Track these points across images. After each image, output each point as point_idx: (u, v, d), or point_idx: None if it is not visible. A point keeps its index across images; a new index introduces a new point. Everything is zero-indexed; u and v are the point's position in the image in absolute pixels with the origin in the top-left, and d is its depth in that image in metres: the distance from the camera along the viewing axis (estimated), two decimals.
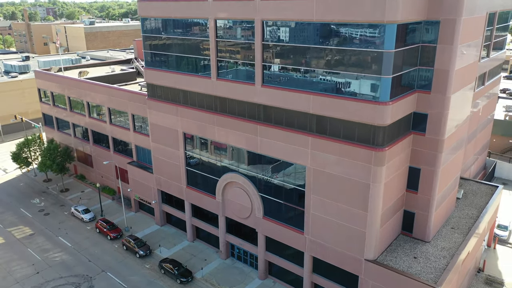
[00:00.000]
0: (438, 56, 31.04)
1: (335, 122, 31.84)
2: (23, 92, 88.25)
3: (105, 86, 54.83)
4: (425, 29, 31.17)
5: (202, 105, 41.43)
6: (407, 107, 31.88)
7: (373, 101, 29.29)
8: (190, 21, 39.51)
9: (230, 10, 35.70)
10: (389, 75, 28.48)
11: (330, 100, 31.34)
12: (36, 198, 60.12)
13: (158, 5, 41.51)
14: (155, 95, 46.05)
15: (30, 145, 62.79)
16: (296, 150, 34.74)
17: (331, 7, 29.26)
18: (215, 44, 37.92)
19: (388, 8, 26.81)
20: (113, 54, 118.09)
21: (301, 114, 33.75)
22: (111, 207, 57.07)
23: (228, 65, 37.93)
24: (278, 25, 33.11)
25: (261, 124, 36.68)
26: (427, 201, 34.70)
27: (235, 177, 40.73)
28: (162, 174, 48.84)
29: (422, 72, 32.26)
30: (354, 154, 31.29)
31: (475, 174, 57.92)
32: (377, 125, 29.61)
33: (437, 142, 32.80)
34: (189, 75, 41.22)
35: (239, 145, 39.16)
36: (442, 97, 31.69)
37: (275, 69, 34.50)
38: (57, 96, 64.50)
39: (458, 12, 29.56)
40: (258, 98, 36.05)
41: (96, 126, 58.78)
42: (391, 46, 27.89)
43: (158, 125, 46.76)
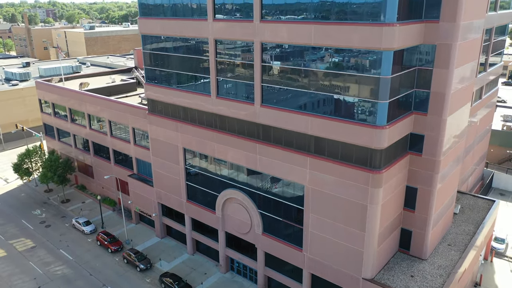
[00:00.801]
0: (435, 79, 31.53)
1: (333, 143, 32.33)
2: (24, 100, 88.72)
3: (105, 99, 55.31)
4: (421, 52, 31.65)
5: (202, 122, 41.92)
6: (404, 129, 32.38)
7: (370, 125, 29.76)
8: (190, 39, 39.99)
9: (229, 30, 36.18)
10: (386, 100, 28.98)
11: (328, 122, 31.82)
12: (37, 209, 60.58)
13: (158, 22, 41.98)
14: (156, 110, 46.54)
15: (32, 156, 63.20)
16: (295, 169, 35.23)
17: (328, 33, 29.74)
18: (215, 63, 38.41)
19: (385, 37, 27.29)
20: (113, 61, 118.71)
21: (299, 134, 34.23)
22: (111, 219, 57.54)
23: (227, 84, 38.39)
24: (277, 47, 33.58)
25: (260, 142, 37.16)
26: (424, 220, 35.20)
27: (235, 193, 41.21)
28: (163, 188, 49.33)
29: (419, 94, 32.75)
30: (351, 176, 31.78)
31: (473, 185, 58.46)
32: (374, 148, 30.10)
33: (434, 163, 33.30)
34: (189, 92, 41.70)
35: (239, 162, 39.66)
36: (438, 119, 32.18)
37: (274, 90, 34.98)
38: (58, 105, 64.97)
39: (454, 38, 30.04)
40: (257, 118, 36.54)
41: (96, 137, 59.26)
42: (387, 72, 28.38)
43: (159, 140, 47.25)
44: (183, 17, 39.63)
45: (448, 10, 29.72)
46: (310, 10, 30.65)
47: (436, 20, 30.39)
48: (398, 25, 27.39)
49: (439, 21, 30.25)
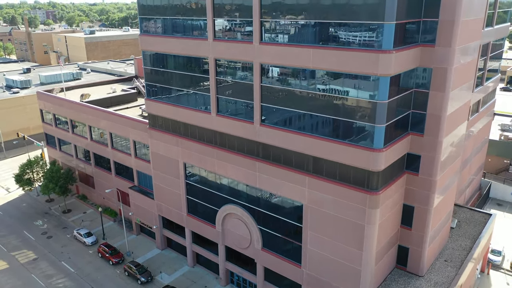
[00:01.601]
0: (431, 101, 32.11)
1: (331, 163, 32.90)
2: (25, 108, 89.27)
3: (107, 112, 55.87)
4: (418, 75, 32.23)
5: (202, 138, 42.49)
6: (401, 150, 32.95)
7: (367, 148, 30.34)
8: (191, 57, 40.53)
9: (229, 51, 36.75)
10: (383, 124, 29.56)
11: (326, 144, 32.40)
12: (39, 219, 61.14)
13: (159, 40, 42.54)
14: (156, 125, 47.10)
15: (33, 166, 63.75)
16: (294, 188, 35.82)
17: (326, 57, 30.32)
18: (215, 81, 38.98)
19: (381, 63, 27.88)
20: (114, 67, 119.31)
21: (298, 154, 34.80)
22: (112, 230, 58.11)
23: (228, 102, 38.96)
24: (277, 69, 34.14)
25: (260, 160, 37.75)
26: (421, 237, 35.79)
27: (234, 209, 41.79)
28: (163, 201, 49.90)
29: (415, 115, 33.31)
30: (349, 196, 32.37)
31: (470, 195, 59.03)
32: (371, 170, 30.69)
33: (430, 183, 33.89)
34: (189, 109, 42.27)
35: (238, 179, 40.24)
36: (435, 140, 32.76)
37: (274, 109, 35.54)
38: (59, 115, 65.55)
39: (450, 62, 30.62)
40: (257, 136, 37.11)
41: (97, 149, 59.82)
42: (384, 97, 28.97)
43: (159, 154, 47.82)
44: (183, 36, 40.19)
45: (443, 35, 30.30)
46: (309, 34, 31.23)
47: (432, 44, 30.98)
48: (394, 52, 27.98)
49: (435, 45, 30.84)
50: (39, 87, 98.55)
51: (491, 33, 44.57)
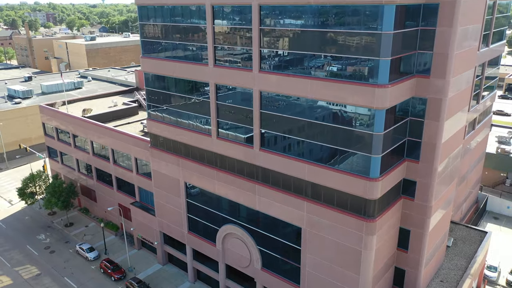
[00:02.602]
0: (426, 130, 32.92)
1: (329, 189, 33.73)
2: (27, 119, 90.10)
3: (109, 129, 56.68)
4: (414, 104, 33.05)
5: (203, 159, 43.29)
6: (397, 177, 33.77)
7: (364, 177, 31.17)
8: (191, 81, 41.34)
9: (229, 77, 37.57)
10: (379, 154, 30.38)
11: (324, 171, 33.23)
12: (42, 233, 61.96)
13: (160, 63, 43.33)
14: (158, 144, 47.91)
15: (36, 180, 64.55)
16: (293, 211, 36.66)
17: (324, 88, 31.14)
18: (215, 105, 39.79)
19: (377, 97, 28.70)
20: (114, 75, 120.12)
21: (297, 179, 35.62)
22: (114, 244, 58.91)
23: (228, 126, 39.77)
24: (275, 96, 34.96)
25: (259, 184, 38.57)
26: (417, 260, 36.61)
27: (234, 229, 42.62)
28: (164, 218, 50.72)
29: (411, 142, 34.13)
30: (346, 222, 33.21)
31: (467, 209, 59.84)
32: (367, 198, 31.51)
33: (426, 208, 34.71)
34: (190, 131, 43.08)
35: (238, 200, 41.07)
36: (430, 167, 33.57)
37: (273, 135, 36.36)
38: (61, 130, 66.41)
39: (444, 93, 31.44)
40: (256, 160, 37.95)
41: (99, 164, 60.63)
42: (380, 129, 29.78)
43: (161, 173, 48.63)
44: (185, 61, 41.01)
45: (438, 68, 31.11)
46: (307, 66, 32.07)
47: (427, 75, 31.80)
48: (390, 86, 28.81)
49: (430, 76, 31.67)
50: (40, 97, 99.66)
51: (486, 53, 45.34)
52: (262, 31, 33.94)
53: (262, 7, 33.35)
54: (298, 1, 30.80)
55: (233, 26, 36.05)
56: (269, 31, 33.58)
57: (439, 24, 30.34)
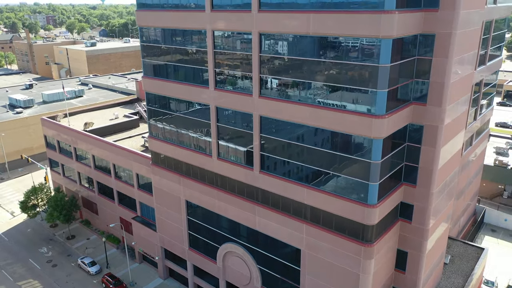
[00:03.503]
0: (423, 156, 33.56)
1: (327, 213, 34.36)
2: (28, 128, 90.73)
3: (110, 144, 57.30)
4: (411, 130, 33.68)
5: (204, 179, 43.91)
6: (395, 201, 34.41)
7: (362, 203, 31.80)
8: (192, 102, 41.97)
9: (230, 100, 38.19)
10: (376, 182, 31.01)
11: (323, 196, 33.86)
12: (44, 246, 62.57)
13: (161, 84, 43.95)
14: (159, 161, 48.53)
15: (38, 193, 65.14)
16: (292, 233, 37.29)
17: (322, 117, 31.77)
18: (216, 127, 40.42)
19: (374, 127, 29.33)
20: (115, 83, 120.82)
21: (296, 202, 36.26)
22: (116, 258, 59.52)
23: (229, 147, 40.39)
24: (275, 121, 35.56)
25: (259, 205, 39.21)
26: (414, 280, 37.24)
27: (235, 247, 43.26)
28: (165, 234, 51.35)
29: (408, 166, 34.77)
30: (344, 246, 33.84)
31: (465, 222, 60.47)
32: (366, 224, 32.15)
33: (422, 231, 35.35)
34: (191, 150, 43.70)
35: (238, 220, 41.70)
36: (427, 192, 34.21)
37: (273, 158, 36.98)
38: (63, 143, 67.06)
39: (440, 120, 32.08)
40: (256, 182, 38.57)
41: (101, 178, 61.25)
42: (377, 157, 30.40)
43: (162, 190, 49.25)
44: (186, 82, 41.58)
45: (434, 96, 31.74)
46: (306, 94, 32.72)
47: (423, 103, 32.42)
48: (387, 117, 29.41)
49: (426, 104, 32.28)
50: (42, 106, 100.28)
51: (483, 71, 45.91)
52: (262, 58, 34.57)
53: (262, 35, 33.99)
54: (297, 31, 31.43)
55: (234, 52, 36.66)
56: (268, 58, 34.21)
57: (435, 54, 30.98)
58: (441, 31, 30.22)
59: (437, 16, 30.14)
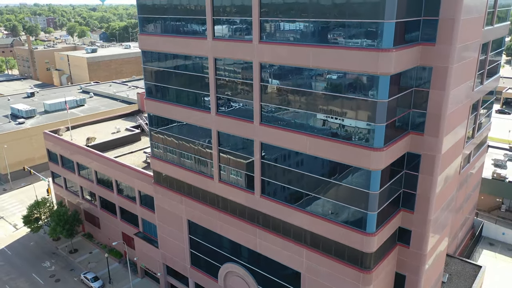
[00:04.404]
0: (420, 183, 34.28)
1: (327, 239, 35.07)
2: (31, 139, 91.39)
3: (112, 161, 57.99)
4: (408, 158, 34.39)
5: (206, 200, 44.62)
6: (393, 227, 35.13)
7: (361, 231, 32.50)
8: (194, 126, 42.65)
9: (231, 126, 38.85)
10: (375, 211, 31.73)
11: (322, 222, 34.57)
12: (47, 260, 63.25)
13: (163, 106, 44.60)
14: (161, 180, 49.22)
15: (41, 207, 65.83)
16: (292, 257, 38.00)
17: (321, 146, 32.48)
18: (218, 151, 41.11)
19: (372, 159, 30.05)
20: (116, 91, 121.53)
21: (297, 226, 36.96)
22: (118, 272, 60.22)
23: (230, 171, 41.09)
24: (275, 147, 36.26)
25: (260, 228, 39.92)
26: None
27: (236, 268, 43.97)
28: (167, 251, 52.04)
29: (406, 193, 35.48)
30: (343, 272, 34.55)
31: (464, 235, 61.13)
32: (364, 251, 32.86)
33: (420, 256, 36.06)
34: (193, 172, 44.39)
35: (239, 241, 42.41)
36: (424, 218, 34.92)
37: (273, 183, 37.67)
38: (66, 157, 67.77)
39: (437, 151, 32.78)
40: (257, 206, 39.28)
41: (103, 193, 61.95)
42: (376, 188, 31.12)
43: (164, 208, 49.94)
44: (187, 106, 42.30)
45: (431, 126, 32.45)
46: (304, 124, 33.43)
47: (421, 133, 33.13)
48: (385, 149, 30.10)
49: (424, 134, 33.00)
50: (44, 116, 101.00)
51: (481, 91, 46.57)
52: (262, 87, 35.27)
53: (262, 65, 34.68)
54: (297, 64, 32.12)
55: (235, 80, 37.35)
56: (269, 87, 34.89)
57: (432, 86, 31.69)
58: (438, 64, 30.93)
59: (434, 50, 30.86)
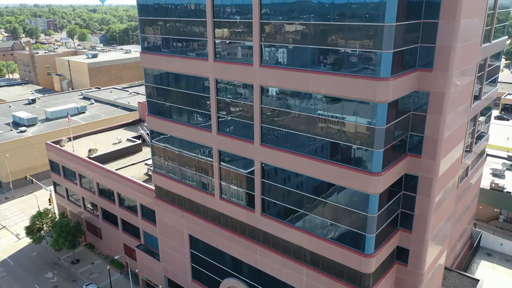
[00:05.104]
0: (418, 204, 34.91)
1: (326, 259, 35.70)
2: (32, 147, 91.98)
3: (114, 174, 58.60)
4: (406, 179, 35.02)
5: (207, 215, 45.25)
6: (392, 246, 35.77)
7: (359, 252, 33.16)
8: (195, 143, 43.28)
9: (232, 146, 39.49)
10: (373, 233, 32.36)
11: (320, 242, 35.20)
12: (49, 271, 63.85)
13: (166, 124, 45.22)
14: (162, 195, 49.85)
15: (43, 218, 66.43)
16: (292, 274, 38.63)
17: (319, 169, 33.12)
18: (218, 169, 41.73)
19: (371, 184, 30.68)
20: (117, 98, 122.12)
21: (297, 245, 37.59)
22: (120, 283, 60.83)
23: (231, 188, 41.71)
24: (276, 168, 36.89)
25: (260, 245, 40.55)
26: None
27: (237, 283, 44.59)
28: (169, 264, 52.68)
29: (404, 213, 36.11)
30: None
31: (462, 246, 61.75)
32: (362, 272, 33.50)
33: (418, 275, 36.70)
34: (194, 188, 45.02)
35: (240, 257, 43.05)
36: (422, 237, 35.57)
37: (274, 203, 38.31)
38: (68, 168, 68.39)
39: (434, 173, 33.41)
40: (257, 224, 39.91)
41: (105, 205, 62.57)
42: (374, 211, 31.76)
43: (165, 222, 50.57)
44: (189, 124, 42.93)
45: (428, 150, 33.09)
46: (304, 145, 34.09)
47: (418, 155, 33.77)
48: (382, 174, 30.74)
49: (421, 156, 33.64)
50: (45, 123, 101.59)
51: (478, 106, 47.10)
52: (263, 109, 35.89)
53: (263, 88, 35.32)
54: (297, 88, 32.75)
55: (236, 101, 37.97)
56: (270, 109, 35.51)
57: (429, 111, 32.32)
58: (435, 90, 31.58)
59: (431, 75, 31.49)
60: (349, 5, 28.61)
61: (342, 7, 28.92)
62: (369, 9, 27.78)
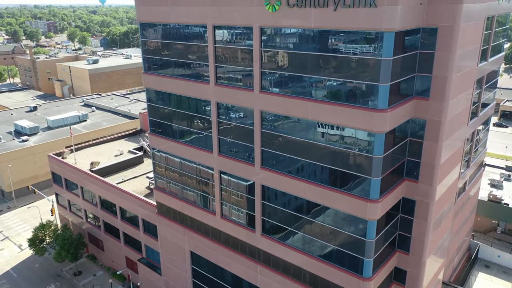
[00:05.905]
0: (415, 227, 35.62)
1: (325, 280, 36.40)
2: (34, 157, 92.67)
3: (116, 188, 59.32)
4: (404, 202, 35.73)
5: (208, 233, 45.95)
6: (389, 268, 36.46)
7: (357, 275, 33.86)
8: (197, 162, 43.99)
9: (232, 168, 40.13)
10: (371, 258, 33.07)
11: (319, 264, 35.92)
12: (52, 283, 64.56)
13: (168, 143, 45.87)
14: (164, 211, 50.56)
15: (45, 229, 67.15)
16: None
17: (318, 193, 33.82)
18: (219, 189, 42.44)
19: (369, 211, 31.37)
20: (118, 105, 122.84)
21: (296, 265, 38.30)
22: None
23: (231, 207, 42.42)
24: (276, 191, 37.60)
25: (260, 264, 41.27)
26: None
27: None
28: (170, 279, 53.39)
29: (401, 236, 36.83)
30: None
31: (460, 258, 62.41)
32: None
33: None
34: (195, 206, 45.74)
35: (241, 275, 43.76)
36: (419, 260, 36.27)
37: (274, 224, 39.01)
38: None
39: (431, 198, 34.11)
40: (258, 244, 40.62)
41: (107, 218, 63.29)
42: (371, 236, 32.45)
43: (167, 238, 51.28)
44: (190, 144, 43.64)
45: (426, 175, 33.78)
46: (305, 169, 34.79)
47: (415, 180, 34.47)
48: (380, 201, 31.46)
49: (418, 182, 34.34)
50: (47, 132, 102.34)
51: (476, 123, 47.78)
52: (263, 133, 36.59)
53: (263, 112, 36.02)
54: (296, 115, 33.44)
55: (237, 124, 38.67)
56: (270, 134, 36.22)
57: (426, 138, 33.01)
58: (432, 118, 32.26)
59: (428, 104, 32.18)
60: (347, 38, 29.31)
61: (341, 40, 29.61)
62: (366, 42, 28.46)
